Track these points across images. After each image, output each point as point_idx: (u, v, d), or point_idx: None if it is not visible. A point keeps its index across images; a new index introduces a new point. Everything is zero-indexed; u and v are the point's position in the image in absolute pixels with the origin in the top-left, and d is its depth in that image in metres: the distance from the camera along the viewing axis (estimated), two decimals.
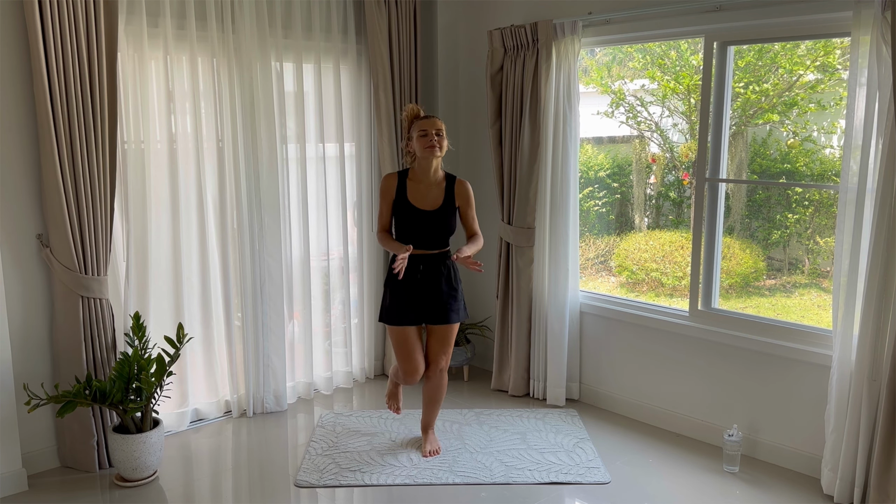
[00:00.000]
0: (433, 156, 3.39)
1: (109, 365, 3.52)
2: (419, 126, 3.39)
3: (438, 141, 3.38)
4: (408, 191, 3.44)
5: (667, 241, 4.97)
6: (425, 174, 3.44)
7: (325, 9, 4.26)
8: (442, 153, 3.42)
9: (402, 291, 3.45)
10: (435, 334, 3.54)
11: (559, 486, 3.36)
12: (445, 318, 3.47)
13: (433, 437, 3.74)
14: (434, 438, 3.75)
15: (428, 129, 3.37)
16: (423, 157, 3.41)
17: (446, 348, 3.55)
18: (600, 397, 4.30)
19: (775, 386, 3.53)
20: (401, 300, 3.45)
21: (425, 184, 3.45)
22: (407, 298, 3.44)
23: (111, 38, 3.35)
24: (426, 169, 3.44)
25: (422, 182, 3.45)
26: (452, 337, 3.56)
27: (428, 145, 3.37)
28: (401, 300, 3.45)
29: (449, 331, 3.53)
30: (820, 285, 4.47)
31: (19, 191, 3.32)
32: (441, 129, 3.40)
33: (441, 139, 3.39)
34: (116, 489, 3.38)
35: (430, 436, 3.74)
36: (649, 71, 4.89)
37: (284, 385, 4.24)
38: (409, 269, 3.41)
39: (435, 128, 3.38)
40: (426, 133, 3.37)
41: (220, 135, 3.92)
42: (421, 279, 3.43)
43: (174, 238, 3.82)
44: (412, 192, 3.44)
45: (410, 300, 3.44)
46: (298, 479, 3.42)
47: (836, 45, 4.02)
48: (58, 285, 3.39)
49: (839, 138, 4.14)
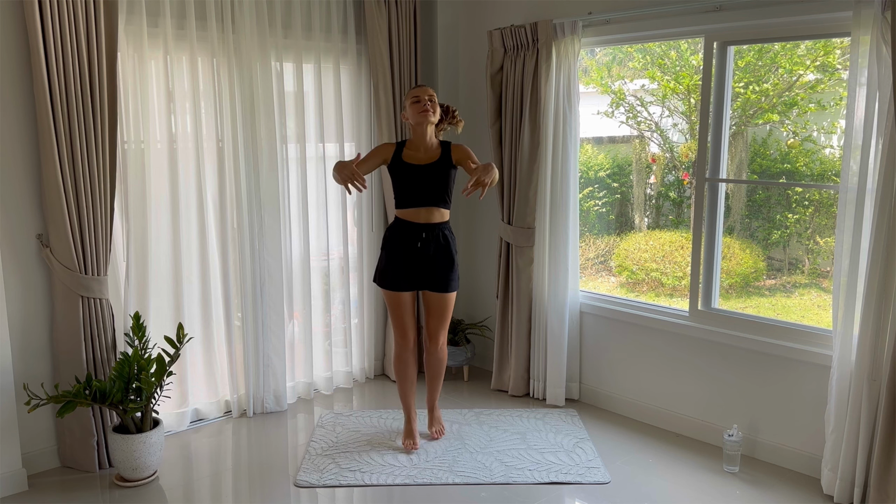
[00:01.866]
0: (426, 120, 3.50)
1: (109, 365, 3.52)
2: (411, 94, 3.53)
3: (431, 105, 3.49)
4: (403, 155, 3.55)
5: (667, 241, 4.97)
6: (421, 141, 3.54)
7: (325, 9, 4.26)
8: (435, 118, 3.53)
9: (400, 257, 3.55)
10: (433, 307, 3.64)
11: (559, 486, 3.36)
12: (444, 287, 3.58)
13: (439, 416, 3.86)
14: (439, 417, 3.86)
15: (420, 95, 3.51)
16: (417, 123, 3.51)
17: (444, 322, 3.67)
18: (600, 397, 4.30)
19: (775, 386, 3.53)
20: (397, 265, 3.55)
21: (422, 150, 3.55)
22: (403, 265, 3.55)
23: (111, 38, 3.35)
24: (421, 136, 3.53)
25: (418, 150, 3.55)
26: (450, 308, 3.66)
27: (421, 110, 3.48)
28: (397, 265, 3.55)
29: (447, 301, 3.63)
30: (820, 285, 4.47)
31: (19, 191, 3.32)
32: (433, 95, 3.53)
33: (433, 104, 3.51)
34: (116, 489, 3.38)
35: (435, 414, 3.84)
36: (649, 71, 4.89)
37: (284, 385, 4.24)
38: (410, 237, 3.53)
39: (427, 94, 3.51)
40: (418, 99, 3.50)
41: (220, 135, 3.92)
42: (421, 248, 3.52)
43: (174, 238, 3.82)
44: (408, 157, 3.54)
45: (407, 266, 3.54)
46: (298, 479, 3.42)
47: (836, 45, 4.02)
48: (58, 285, 3.39)
49: (839, 138, 4.14)
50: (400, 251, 3.55)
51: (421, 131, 3.52)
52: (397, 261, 3.56)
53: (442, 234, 3.55)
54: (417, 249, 3.52)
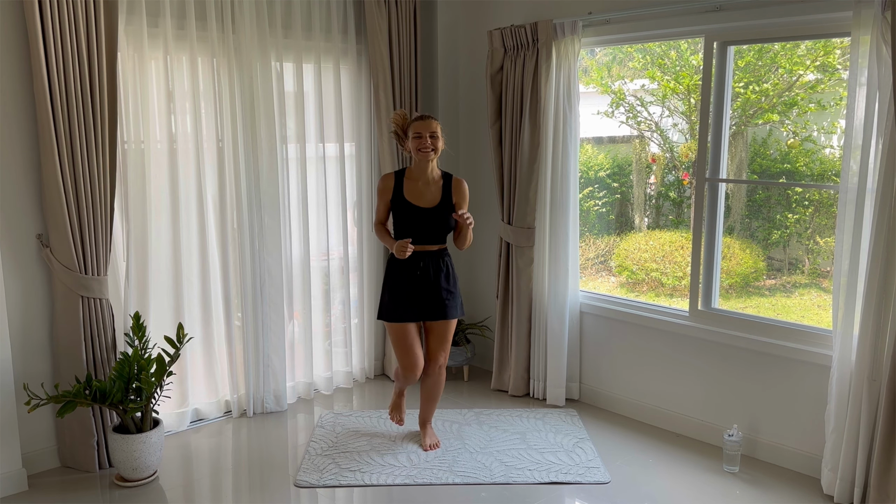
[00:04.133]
0: (427, 160, 3.45)
1: (109, 365, 3.52)
2: (414, 128, 3.43)
3: (433, 143, 3.42)
4: (405, 190, 3.49)
5: (667, 241, 4.97)
6: (422, 173, 3.49)
7: (325, 9, 4.26)
8: (436, 155, 3.47)
9: (402, 289, 3.50)
10: (434, 332, 3.59)
11: (559, 486, 3.36)
12: (444, 314, 3.54)
13: (432, 432, 3.81)
14: (433, 432, 3.81)
15: (422, 132, 3.41)
16: (418, 160, 3.45)
17: (445, 345, 3.62)
18: (600, 397, 4.30)
19: (775, 386, 3.53)
20: (400, 297, 3.50)
21: (423, 181, 3.49)
22: (406, 295, 3.50)
23: (111, 38, 3.35)
24: (423, 169, 3.49)
25: (419, 180, 3.49)
26: (451, 334, 3.62)
27: (422, 148, 3.41)
28: (400, 297, 3.50)
29: (447, 327, 3.58)
30: (820, 285, 4.47)
31: (19, 191, 3.32)
32: (435, 131, 3.43)
33: (435, 140, 3.43)
34: (116, 489, 3.38)
35: (428, 430, 3.80)
36: (649, 71, 4.90)
37: (284, 385, 4.24)
38: (409, 267, 3.48)
39: (429, 130, 3.42)
40: (420, 136, 3.41)
41: (220, 135, 3.92)
42: (420, 276, 3.48)
43: (174, 238, 3.82)
44: (409, 191, 3.48)
45: (410, 297, 3.50)
46: (298, 479, 3.42)
47: (836, 45, 4.02)
48: (58, 285, 3.39)
49: (839, 138, 4.14)
50: (402, 281, 3.50)
51: (423, 165, 3.47)
52: (400, 292, 3.50)
53: (441, 260, 3.53)
54: (417, 277, 3.48)
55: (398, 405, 3.81)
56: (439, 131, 3.45)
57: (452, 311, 3.56)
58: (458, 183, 3.54)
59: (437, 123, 3.45)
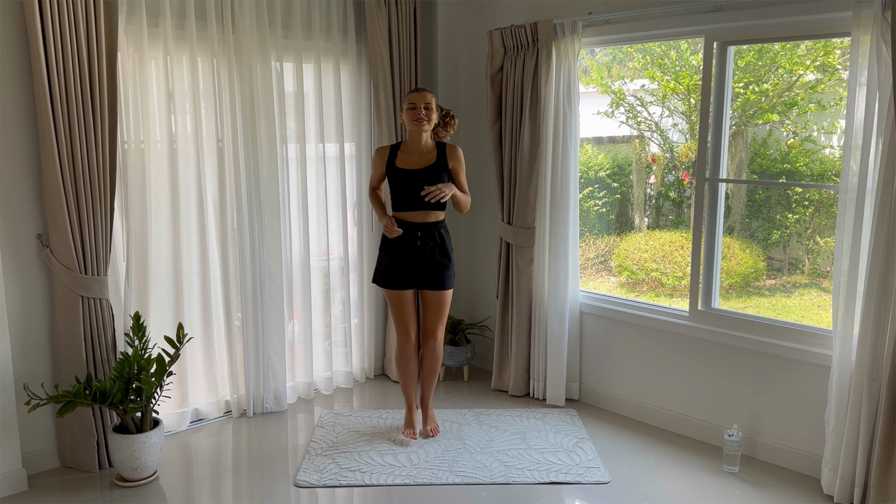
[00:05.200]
0: (420, 129, 3.52)
1: (109, 365, 3.52)
2: (408, 99, 3.55)
3: (427, 114, 3.50)
4: (398, 160, 3.59)
5: (667, 241, 4.97)
6: (416, 145, 3.58)
7: (325, 9, 4.26)
8: (430, 126, 3.55)
9: (399, 256, 3.60)
10: (430, 305, 3.69)
11: (559, 486, 3.36)
12: (441, 285, 3.64)
13: (433, 415, 3.89)
14: (433, 416, 3.89)
15: (416, 102, 3.51)
16: (412, 130, 3.54)
17: (441, 318, 3.72)
18: (600, 397, 4.30)
19: (775, 386, 3.53)
20: (397, 264, 3.60)
21: (417, 153, 3.58)
22: (403, 263, 3.60)
23: (111, 38, 3.35)
24: (416, 141, 3.58)
25: (413, 153, 3.58)
26: (447, 306, 3.72)
27: (415, 118, 3.51)
28: (397, 264, 3.60)
29: (444, 299, 3.68)
30: (820, 285, 4.47)
31: (19, 191, 3.32)
32: (430, 102, 3.53)
33: (430, 112, 3.52)
34: (116, 489, 3.38)
35: (429, 412, 3.87)
36: (649, 71, 4.90)
37: (284, 385, 4.24)
38: (407, 236, 3.58)
39: (423, 101, 3.52)
40: (414, 106, 3.51)
41: (220, 135, 3.92)
42: (420, 245, 3.57)
43: (174, 238, 3.82)
44: (403, 161, 3.58)
45: (407, 265, 3.60)
46: (298, 479, 3.42)
47: (836, 45, 4.02)
48: (58, 285, 3.39)
49: (839, 138, 4.14)
50: (398, 250, 3.61)
51: (416, 136, 3.57)
52: (396, 260, 3.61)
53: (438, 233, 3.61)
54: (416, 248, 3.57)
55: (410, 421, 3.84)
56: (434, 104, 3.55)
57: (448, 281, 3.66)
58: (452, 148, 3.61)
59: (433, 96, 3.56)
